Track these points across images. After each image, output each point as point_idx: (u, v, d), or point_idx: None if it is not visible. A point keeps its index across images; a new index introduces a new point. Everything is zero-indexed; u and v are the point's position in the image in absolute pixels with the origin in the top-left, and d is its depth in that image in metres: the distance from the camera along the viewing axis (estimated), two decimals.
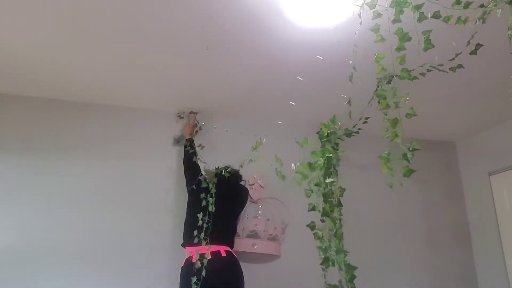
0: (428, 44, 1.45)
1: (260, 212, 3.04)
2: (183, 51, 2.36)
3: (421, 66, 1.51)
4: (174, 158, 3.08)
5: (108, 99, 3.02)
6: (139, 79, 2.71)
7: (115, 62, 2.50)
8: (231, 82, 2.72)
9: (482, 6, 1.36)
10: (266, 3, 1.93)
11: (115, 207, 2.83)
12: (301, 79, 2.14)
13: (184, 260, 2.39)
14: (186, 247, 2.46)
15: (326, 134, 1.40)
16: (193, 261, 2.23)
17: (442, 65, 1.60)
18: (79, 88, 2.85)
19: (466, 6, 1.36)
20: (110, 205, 2.83)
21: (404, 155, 1.34)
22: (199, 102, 3.06)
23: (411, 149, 1.36)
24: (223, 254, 2.30)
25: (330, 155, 1.37)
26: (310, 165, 1.33)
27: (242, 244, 2.85)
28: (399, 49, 1.46)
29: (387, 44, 1.56)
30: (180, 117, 3.16)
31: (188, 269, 2.27)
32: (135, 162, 2.98)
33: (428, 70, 1.56)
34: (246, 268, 2.86)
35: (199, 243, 2.27)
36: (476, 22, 1.43)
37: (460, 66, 1.57)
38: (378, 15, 1.46)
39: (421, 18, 1.44)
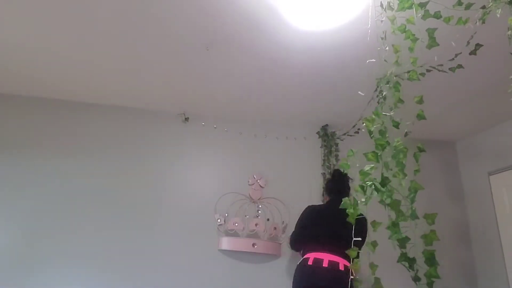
0: (433, 42, 1.45)
1: (260, 212, 3.04)
2: (184, 52, 2.36)
3: (421, 66, 1.51)
4: (173, 158, 3.08)
5: (108, 99, 3.02)
6: (139, 80, 2.71)
7: (116, 63, 2.49)
8: (231, 83, 2.72)
9: (483, 7, 1.35)
10: (266, 6, 1.93)
11: (115, 207, 2.83)
12: (362, 94, 2.13)
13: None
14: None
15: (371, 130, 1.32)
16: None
17: (441, 65, 1.60)
18: (80, 88, 2.85)
19: (468, 7, 1.36)
20: (109, 205, 2.83)
21: (415, 154, 1.33)
22: (200, 103, 3.05)
23: (419, 149, 1.35)
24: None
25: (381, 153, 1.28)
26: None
27: (242, 244, 2.85)
28: (411, 49, 1.45)
29: (389, 43, 1.56)
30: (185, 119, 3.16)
31: None
32: (135, 162, 2.99)
33: (428, 70, 1.56)
34: (246, 268, 2.88)
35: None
36: (476, 22, 1.43)
37: (459, 66, 1.57)
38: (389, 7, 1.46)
39: (426, 15, 1.44)
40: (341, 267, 2.25)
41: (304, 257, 2.35)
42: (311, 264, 2.27)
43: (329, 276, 2.24)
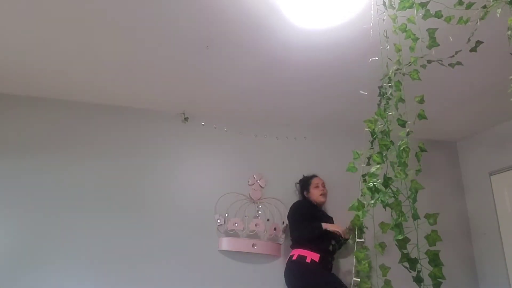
0: (433, 42, 1.44)
1: (260, 212, 3.03)
2: (184, 51, 2.35)
3: (422, 57, 1.50)
4: (173, 158, 3.07)
5: (107, 99, 3.01)
6: (139, 80, 2.70)
7: (115, 63, 2.49)
8: (231, 82, 2.72)
9: (484, 7, 1.35)
10: (266, 4, 1.93)
11: (114, 207, 2.82)
12: (365, 93, 2.15)
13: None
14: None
15: (373, 131, 1.32)
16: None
17: (441, 60, 1.59)
18: (79, 88, 2.84)
19: (469, 6, 1.36)
20: (109, 205, 2.82)
21: (416, 154, 1.32)
22: (199, 102, 3.05)
23: (420, 149, 1.35)
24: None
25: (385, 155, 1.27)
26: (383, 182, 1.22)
27: (242, 244, 2.85)
28: (411, 48, 1.45)
29: (390, 42, 1.55)
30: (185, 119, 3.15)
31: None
32: (135, 162, 2.98)
33: (429, 61, 1.56)
34: (246, 268, 2.87)
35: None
36: (477, 22, 1.42)
37: (459, 63, 1.57)
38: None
39: (427, 15, 1.44)
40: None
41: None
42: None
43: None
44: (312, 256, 2.59)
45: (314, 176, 3.02)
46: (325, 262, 2.66)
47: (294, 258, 2.65)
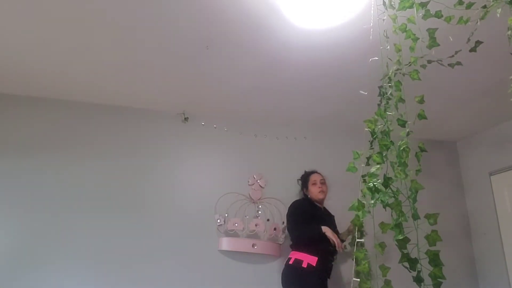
0: (433, 42, 1.45)
1: (260, 212, 3.03)
2: (183, 51, 2.35)
3: (422, 57, 1.51)
4: (173, 158, 3.07)
5: (107, 99, 3.01)
6: (139, 80, 2.70)
7: (115, 63, 2.49)
8: (231, 82, 2.72)
9: (484, 7, 1.35)
10: (266, 4, 1.93)
11: (114, 207, 2.82)
12: (365, 93, 2.15)
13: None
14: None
15: (373, 131, 1.31)
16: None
17: (441, 60, 1.59)
18: (79, 88, 2.84)
19: (469, 6, 1.36)
20: (109, 205, 2.82)
21: (416, 154, 1.32)
22: (199, 102, 3.05)
23: (420, 149, 1.35)
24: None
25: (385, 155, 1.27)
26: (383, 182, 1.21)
27: (242, 244, 2.85)
28: (411, 49, 1.45)
29: (390, 42, 1.55)
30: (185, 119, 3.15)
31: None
32: (135, 162, 2.97)
33: (429, 62, 1.56)
34: (246, 268, 2.87)
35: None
36: (477, 22, 1.42)
37: (458, 63, 1.57)
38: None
39: (427, 15, 1.44)
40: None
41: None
42: None
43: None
44: (309, 260, 2.55)
45: (313, 172, 2.98)
46: (325, 262, 2.63)
47: (290, 262, 2.60)
